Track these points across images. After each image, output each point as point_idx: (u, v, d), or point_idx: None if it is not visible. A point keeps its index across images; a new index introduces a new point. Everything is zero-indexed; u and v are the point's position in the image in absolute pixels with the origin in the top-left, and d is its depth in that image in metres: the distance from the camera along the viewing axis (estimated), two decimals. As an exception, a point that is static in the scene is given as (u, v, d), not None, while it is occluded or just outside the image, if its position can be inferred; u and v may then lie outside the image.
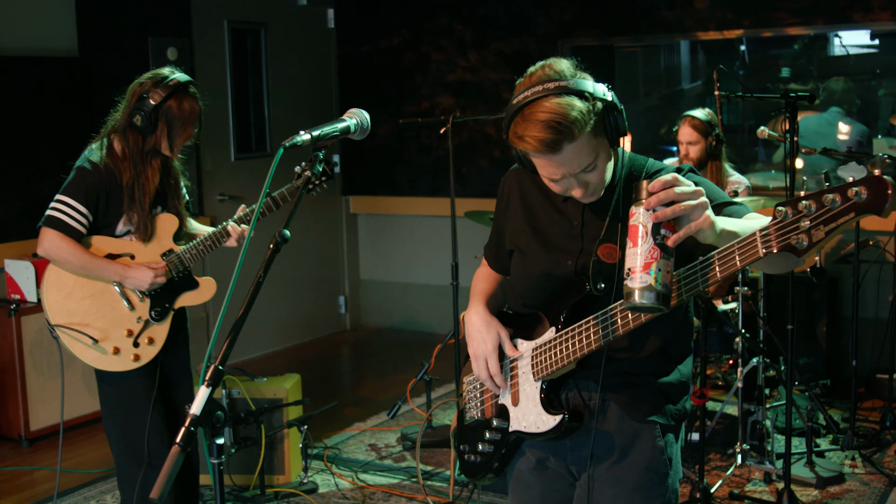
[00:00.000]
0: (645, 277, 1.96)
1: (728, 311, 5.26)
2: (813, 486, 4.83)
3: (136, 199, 3.76)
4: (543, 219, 2.47)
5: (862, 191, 1.72)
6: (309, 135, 2.12)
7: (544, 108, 2.14)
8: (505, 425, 2.48)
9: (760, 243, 1.87)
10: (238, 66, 7.55)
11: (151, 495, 1.77)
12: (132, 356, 3.84)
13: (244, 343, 7.55)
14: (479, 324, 2.51)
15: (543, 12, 7.47)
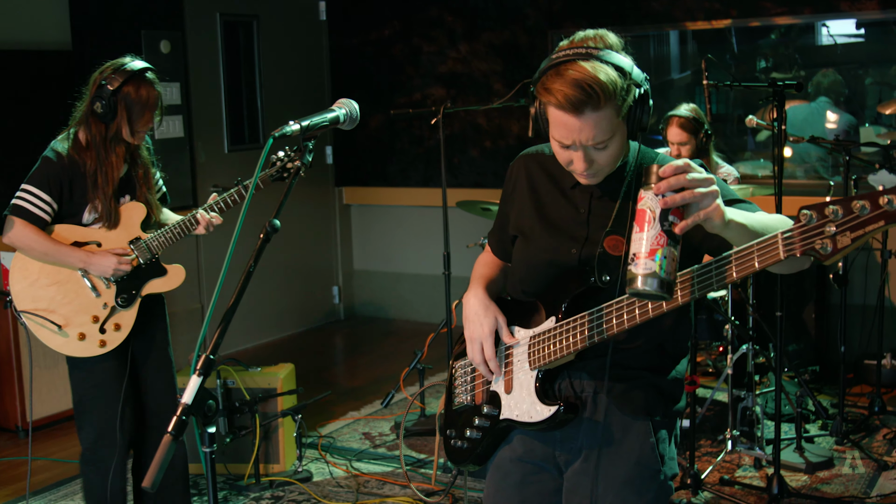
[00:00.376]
0: (649, 264, 1.89)
1: (717, 298, 5.26)
2: (802, 472, 4.83)
3: (100, 187, 3.78)
4: (549, 204, 2.41)
5: (895, 200, 1.68)
6: (298, 125, 2.09)
7: (581, 67, 2.11)
8: (495, 413, 2.43)
9: (782, 245, 1.81)
10: (231, 58, 7.52)
11: (144, 484, 1.76)
12: (98, 342, 3.85)
13: (239, 333, 7.54)
14: (477, 307, 2.46)
15: (533, 3, 7.44)
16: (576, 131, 2.14)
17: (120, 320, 3.89)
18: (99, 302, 3.87)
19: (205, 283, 7.34)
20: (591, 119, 2.12)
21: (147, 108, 3.78)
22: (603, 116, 2.13)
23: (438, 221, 5.78)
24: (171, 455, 1.78)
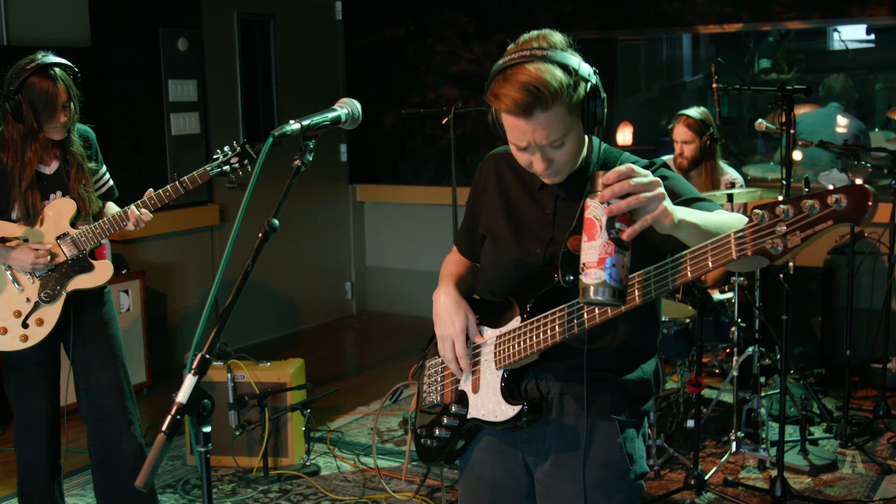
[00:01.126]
0: (599, 273, 1.86)
1: (724, 300, 5.19)
2: (806, 474, 4.76)
3: (17, 184, 3.75)
4: (517, 205, 2.38)
5: (842, 199, 1.62)
6: (299, 124, 2.05)
7: (526, 70, 2.07)
8: (463, 412, 2.39)
9: (735, 245, 1.77)
10: (247, 56, 7.47)
11: (136, 483, 1.71)
12: (20, 336, 3.83)
13: (252, 327, 7.50)
14: (448, 304, 2.42)
15: (544, 5, 7.38)
16: (529, 133, 2.11)
17: (43, 315, 3.86)
18: (22, 297, 3.84)
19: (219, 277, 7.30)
20: (542, 119, 2.09)
21: (49, 103, 3.69)
22: (553, 115, 2.09)
23: (449, 219, 5.74)
24: (164, 454, 1.73)
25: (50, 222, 3.85)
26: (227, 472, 4.97)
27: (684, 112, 5.32)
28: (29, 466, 4.02)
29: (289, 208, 7.85)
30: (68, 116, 3.76)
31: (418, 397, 2.60)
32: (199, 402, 1.80)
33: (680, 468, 4.82)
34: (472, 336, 2.37)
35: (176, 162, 6.76)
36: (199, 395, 1.79)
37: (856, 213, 1.61)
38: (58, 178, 3.86)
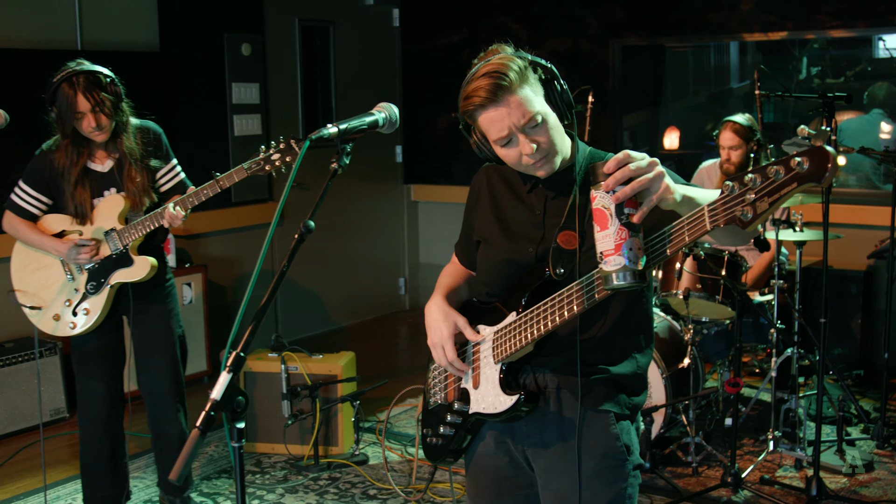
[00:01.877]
0: (618, 259, 1.89)
1: (764, 302, 5.08)
2: (842, 474, 4.65)
3: (64, 184, 3.87)
4: (508, 210, 2.40)
5: (804, 161, 1.64)
6: (336, 128, 2.02)
7: (485, 67, 2.16)
8: (466, 408, 2.39)
9: (708, 217, 1.80)
10: (307, 61, 7.49)
11: (171, 477, 1.69)
12: (69, 324, 3.96)
13: (309, 320, 7.52)
14: (436, 314, 2.43)
15: (594, 13, 7.30)
16: (505, 117, 2.14)
17: (90, 305, 3.96)
18: (72, 287, 3.97)
19: (278, 272, 7.33)
20: (513, 101, 2.13)
21: (69, 111, 3.73)
22: (522, 96, 2.14)
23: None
24: (198, 449, 1.71)
25: (100, 218, 3.93)
26: (279, 459, 4.98)
27: (731, 118, 5.25)
28: (87, 446, 4.10)
29: (346, 207, 7.86)
30: (99, 122, 3.76)
31: (424, 401, 2.60)
32: (233, 398, 1.77)
33: (718, 465, 4.73)
34: (467, 336, 2.38)
35: (238, 161, 6.76)
36: (233, 391, 1.77)
37: (818, 173, 1.64)
38: (111, 176, 3.92)
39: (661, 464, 4.76)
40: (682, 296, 4.82)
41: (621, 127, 7.55)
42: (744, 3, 6.66)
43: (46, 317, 3.98)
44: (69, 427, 5.49)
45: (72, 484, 4.68)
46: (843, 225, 6.19)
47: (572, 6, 7.39)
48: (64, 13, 5.93)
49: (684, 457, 4.78)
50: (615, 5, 7.21)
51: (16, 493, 4.63)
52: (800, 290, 4.96)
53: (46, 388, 5.50)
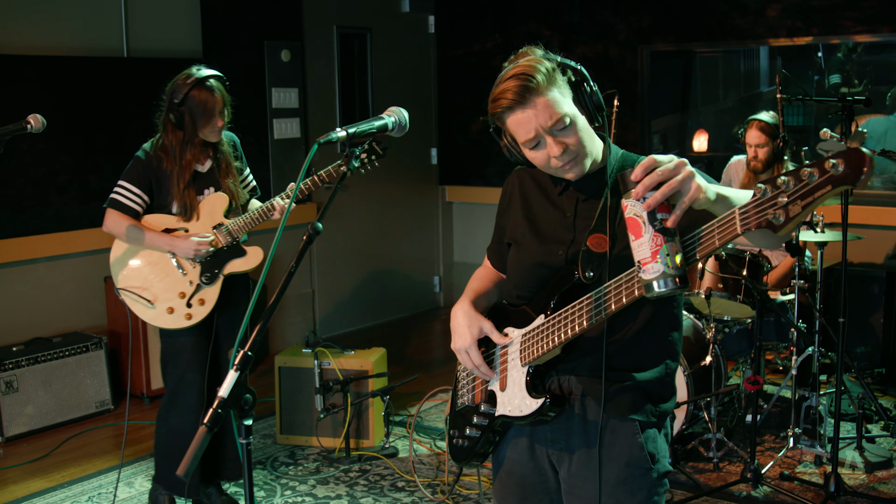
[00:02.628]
0: (656, 266, 1.80)
1: (786, 302, 4.99)
2: (861, 471, 4.55)
3: (175, 184, 3.93)
4: (539, 212, 2.32)
5: (839, 163, 1.53)
6: (345, 132, 1.99)
7: (513, 69, 2.11)
8: (492, 411, 2.32)
9: (739, 221, 1.70)
10: (345, 66, 7.48)
11: (178, 472, 1.67)
12: (185, 315, 3.99)
13: (346, 316, 7.51)
14: (461, 318, 2.36)
15: (623, 20, 7.22)
16: (533, 119, 2.08)
17: (204, 296, 4.01)
18: (185, 280, 4.01)
19: (316, 269, 7.33)
20: (540, 103, 2.07)
21: (207, 113, 3.88)
22: (550, 98, 2.08)
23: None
24: (205, 445, 1.69)
25: (206, 215, 4.02)
26: (312, 451, 4.97)
27: (756, 117, 5.20)
28: (176, 435, 4.07)
29: (383, 207, 7.85)
30: (224, 120, 3.95)
31: (452, 402, 2.54)
32: (240, 396, 1.75)
33: (738, 461, 4.65)
34: (494, 339, 2.31)
35: (277, 164, 6.81)
36: (240, 389, 1.74)
37: (853, 176, 1.53)
38: (210, 175, 4.04)
39: (682, 459, 4.69)
40: (703, 295, 4.75)
41: (650, 130, 7.46)
42: (770, 9, 6.56)
43: (160, 310, 3.99)
44: (114, 418, 5.53)
45: (114, 474, 4.71)
46: (866, 226, 6.07)
47: (603, 13, 7.32)
48: (109, 21, 5.97)
49: (706, 452, 4.70)
50: (644, 12, 7.13)
51: (60, 482, 4.66)
52: (821, 290, 4.86)
53: (92, 380, 5.54)
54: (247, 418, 1.77)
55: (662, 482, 2.24)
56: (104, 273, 5.96)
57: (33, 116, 3.15)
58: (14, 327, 5.57)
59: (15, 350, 5.32)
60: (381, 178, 7.76)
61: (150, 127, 5.77)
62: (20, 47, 5.54)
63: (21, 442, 5.19)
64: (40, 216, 5.67)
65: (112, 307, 5.93)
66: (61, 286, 5.83)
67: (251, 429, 1.79)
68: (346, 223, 7.49)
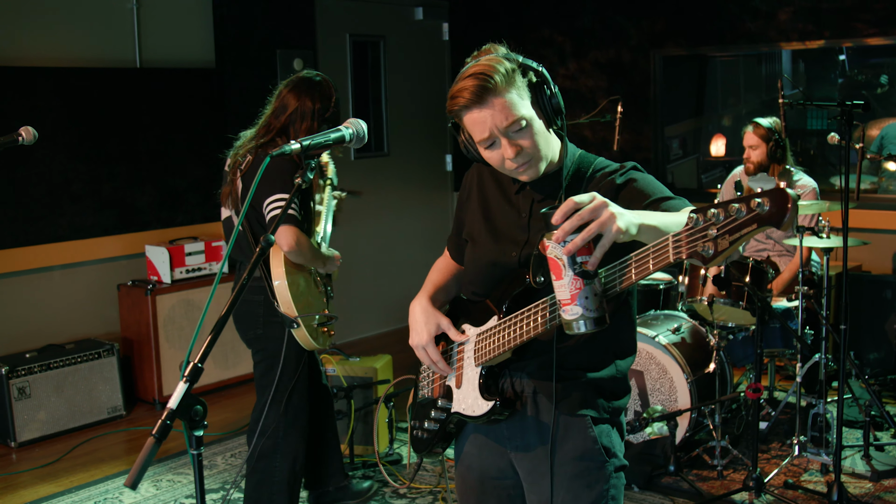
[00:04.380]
0: (575, 309, 1.82)
1: (792, 308, 4.93)
2: (867, 479, 4.48)
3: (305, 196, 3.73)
4: (496, 210, 2.32)
5: (765, 202, 1.53)
6: (299, 144, 1.98)
7: (473, 67, 2.10)
8: (449, 406, 2.33)
9: (672, 249, 1.70)
10: (358, 74, 7.48)
11: (125, 483, 1.67)
12: (330, 333, 3.79)
13: (354, 323, 7.51)
14: (419, 315, 2.38)
15: (636, 24, 7.18)
16: (488, 119, 2.07)
17: (330, 310, 3.86)
18: (322, 296, 3.82)
19: (330, 276, 7.34)
20: (497, 104, 2.06)
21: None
22: (507, 99, 2.06)
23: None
24: (152, 457, 1.69)
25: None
26: (317, 457, 4.97)
27: (756, 120, 5.24)
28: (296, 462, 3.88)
29: (398, 213, 7.84)
30: None
31: (415, 393, 2.56)
32: (190, 407, 1.75)
33: (743, 469, 4.60)
34: (451, 336, 2.33)
35: (290, 171, 6.82)
36: (190, 401, 1.74)
37: (777, 217, 1.53)
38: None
39: (686, 467, 4.65)
40: (706, 302, 4.71)
41: (663, 136, 7.41)
42: (781, 12, 6.50)
43: (321, 331, 3.71)
44: (126, 424, 5.57)
45: (119, 479, 4.74)
46: (880, 231, 5.99)
47: (615, 18, 7.28)
48: (122, 32, 6.02)
49: (710, 460, 4.65)
50: (656, 16, 7.09)
51: (68, 487, 4.70)
52: (827, 296, 4.80)
53: (105, 387, 5.58)
54: (197, 429, 1.77)
55: (618, 475, 2.26)
56: (118, 280, 6.01)
57: (25, 129, 3.14)
58: (29, 334, 5.63)
59: (28, 356, 5.37)
60: (395, 185, 7.77)
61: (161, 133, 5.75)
62: (34, 59, 5.60)
63: (33, 447, 5.24)
64: (55, 224, 5.73)
65: (125, 314, 5.98)
66: (75, 294, 5.88)
67: (202, 439, 1.79)
68: (361, 229, 7.50)
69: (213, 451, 5.10)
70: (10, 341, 5.56)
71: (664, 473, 4.53)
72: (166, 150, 6.19)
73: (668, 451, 4.48)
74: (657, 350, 4.63)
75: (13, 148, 3.08)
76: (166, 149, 6.19)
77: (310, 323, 3.57)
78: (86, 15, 5.83)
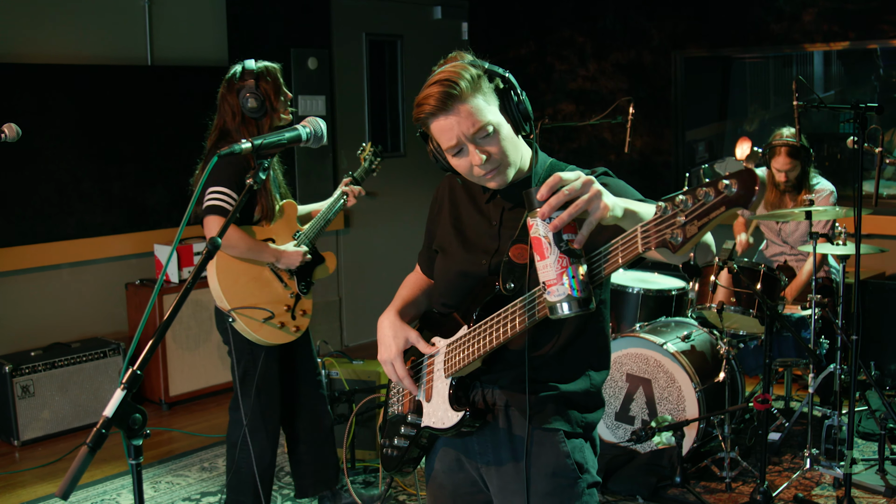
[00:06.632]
0: (561, 289, 1.74)
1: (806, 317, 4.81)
2: (881, 494, 4.34)
3: (267, 188, 3.74)
4: (466, 219, 2.27)
5: (732, 184, 1.50)
6: (250, 143, 1.92)
7: (438, 74, 2.06)
8: (419, 421, 2.27)
9: (640, 239, 1.65)
10: (375, 74, 7.43)
11: (56, 494, 1.62)
12: (293, 328, 3.82)
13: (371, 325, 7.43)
14: (387, 329, 2.32)
15: (657, 25, 7.07)
16: (455, 126, 2.03)
17: (304, 306, 3.90)
18: (287, 292, 3.83)
19: (343, 277, 7.30)
20: (463, 111, 2.02)
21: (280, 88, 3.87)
22: (473, 106, 2.02)
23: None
24: (86, 466, 1.63)
25: (284, 222, 3.89)
26: (318, 461, 4.91)
27: (781, 142, 5.06)
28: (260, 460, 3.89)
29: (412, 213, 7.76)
30: None
31: (385, 410, 2.49)
32: (128, 416, 1.69)
33: (753, 482, 4.48)
34: (420, 349, 2.27)
35: (304, 171, 6.79)
36: (128, 409, 1.68)
37: (745, 198, 1.50)
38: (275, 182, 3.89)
39: (694, 478, 4.54)
40: (715, 309, 4.59)
41: (684, 139, 7.28)
42: (806, 13, 6.36)
43: (275, 326, 3.76)
44: (131, 424, 5.54)
45: (119, 480, 4.72)
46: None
47: (637, 19, 7.18)
48: (134, 30, 6.01)
49: (719, 472, 4.54)
50: (678, 18, 6.97)
51: (66, 487, 4.68)
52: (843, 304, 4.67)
53: (110, 386, 5.57)
54: (136, 439, 1.70)
55: (591, 492, 2.19)
56: (126, 279, 6.00)
57: (8, 126, 3.12)
58: (36, 332, 5.63)
59: (33, 355, 5.37)
60: (411, 186, 7.70)
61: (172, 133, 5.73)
62: (45, 56, 5.60)
63: (36, 446, 5.24)
64: (63, 223, 5.72)
65: (133, 313, 5.97)
66: (83, 292, 5.88)
67: (141, 449, 1.73)
68: (374, 230, 7.45)
69: (214, 453, 5.07)
70: (17, 339, 5.57)
71: (670, 485, 4.42)
72: (177, 149, 6.16)
73: (675, 462, 4.38)
74: (665, 358, 4.53)
75: (22, 146, 3.04)
76: (177, 148, 6.16)
77: (250, 317, 3.64)
78: (97, 12, 5.83)
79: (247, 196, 1.86)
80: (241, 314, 3.65)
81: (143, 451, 4.38)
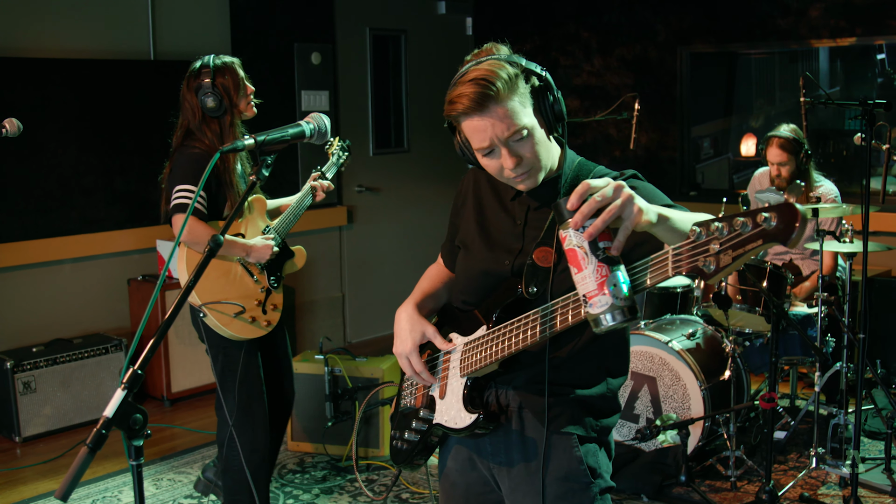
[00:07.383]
0: (604, 299, 1.66)
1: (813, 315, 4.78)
2: (888, 494, 4.32)
3: (228, 183, 3.69)
4: (490, 216, 2.22)
5: (772, 218, 1.43)
6: (253, 139, 1.89)
7: (474, 71, 1.97)
8: (431, 417, 2.23)
9: (671, 263, 1.60)
10: (379, 69, 7.40)
11: (56, 495, 1.60)
12: (264, 322, 3.79)
13: (375, 321, 7.44)
14: (404, 323, 2.29)
15: (663, 20, 7.03)
16: (489, 129, 1.96)
17: (275, 301, 3.86)
18: (258, 287, 3.81)
19: (347, 273, 7.28)
20: (498, 112, 1.94)
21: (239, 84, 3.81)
22: (508, 107, 1.95)
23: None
24: (86, 467, 1.62)
25: (254, 217, 3.87)
26: (321, 459, 4.90)
27: (775, 133, 5.01)
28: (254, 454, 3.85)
29: (417, 210, 7.75)
30: None
31: (396, 401, 2.46)
32: (129, 416, 1.67)
33: (758, 480, 4.46)
34: (437, 345, 2.24)
35: (307, 166, 6.76)
36: (129, 409, 1.67)
37: (784, 234, 1.43)
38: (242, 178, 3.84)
39: (699, 477, 4.52)
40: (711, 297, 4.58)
41: (689, 135, 7.25)
42: (812, 8, 6.33)
43: (246, 320, 3.73)
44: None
45: (121, 477, 4.71)
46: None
47: (643, 14, 7.15)
48: (137, 24, 5.98)
49: (724, 471, 4.52)
50: (684, 13, 6.94)
51: (68, 484, 4.67)
52: (849, 302, 4.65)
53: (112, 382, 5.56)
54: (136, 439, 1.69)
55: (604, 498, 2.16)
56: (129, 275, 5.99)
57: (9, 121, 3.10)
58: (38, 328, 5.62)
59: (35, 351, 5.35)
60: (415, 182, 7.68)
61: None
62: (47, 50, 5.58)
63: (38, 442, 5.23)
64: (66, 217, 5.71)
65: (136, 309, 5.95)
66: (86, 288, 5.86)
67: (141, 450, 1.72)
68: (377, 226, 7.43)
69: (216, 450, 5.05)
70: (18, 335, 5.55)
71: (675, 483, 4.40)
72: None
73: (680, 461, 4.36)
74: (670, 356, 4.51)
75: (24, 141, 3.01)
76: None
77: (221, 312, 3.63)
78: (100, 6, 5.80)
79: (250, 193, 1.84)
80: (211, 309, 3.64)
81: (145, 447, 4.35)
